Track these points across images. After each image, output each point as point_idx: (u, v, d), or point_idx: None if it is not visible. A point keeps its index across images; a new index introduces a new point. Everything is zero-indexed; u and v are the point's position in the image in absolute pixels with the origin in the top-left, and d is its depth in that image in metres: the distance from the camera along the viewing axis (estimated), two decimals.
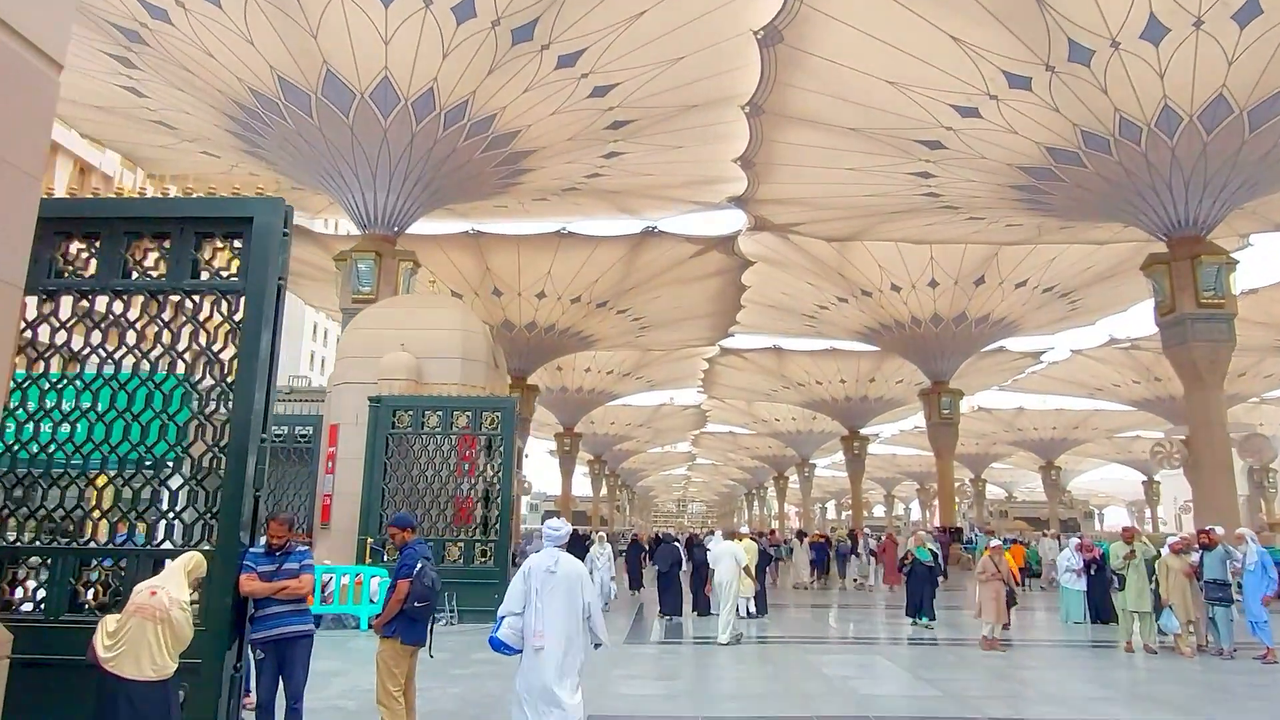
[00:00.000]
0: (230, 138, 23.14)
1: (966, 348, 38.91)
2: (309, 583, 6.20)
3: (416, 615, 6.33)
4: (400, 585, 6.32)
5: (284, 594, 6.01)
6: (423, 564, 6.40)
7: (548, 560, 6.09)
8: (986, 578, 12.77)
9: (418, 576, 6.30)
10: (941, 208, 27.36)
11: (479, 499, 15.27)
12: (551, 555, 6.15)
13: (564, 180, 26.81)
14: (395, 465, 15.20)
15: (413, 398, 15.40)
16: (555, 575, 6.00)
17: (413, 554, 6.50)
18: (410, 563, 6.41)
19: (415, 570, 6.32)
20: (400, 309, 17.94)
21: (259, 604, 5.96)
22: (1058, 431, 64.55)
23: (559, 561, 6.09)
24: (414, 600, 6.29)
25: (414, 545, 6.62)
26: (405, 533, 6.71)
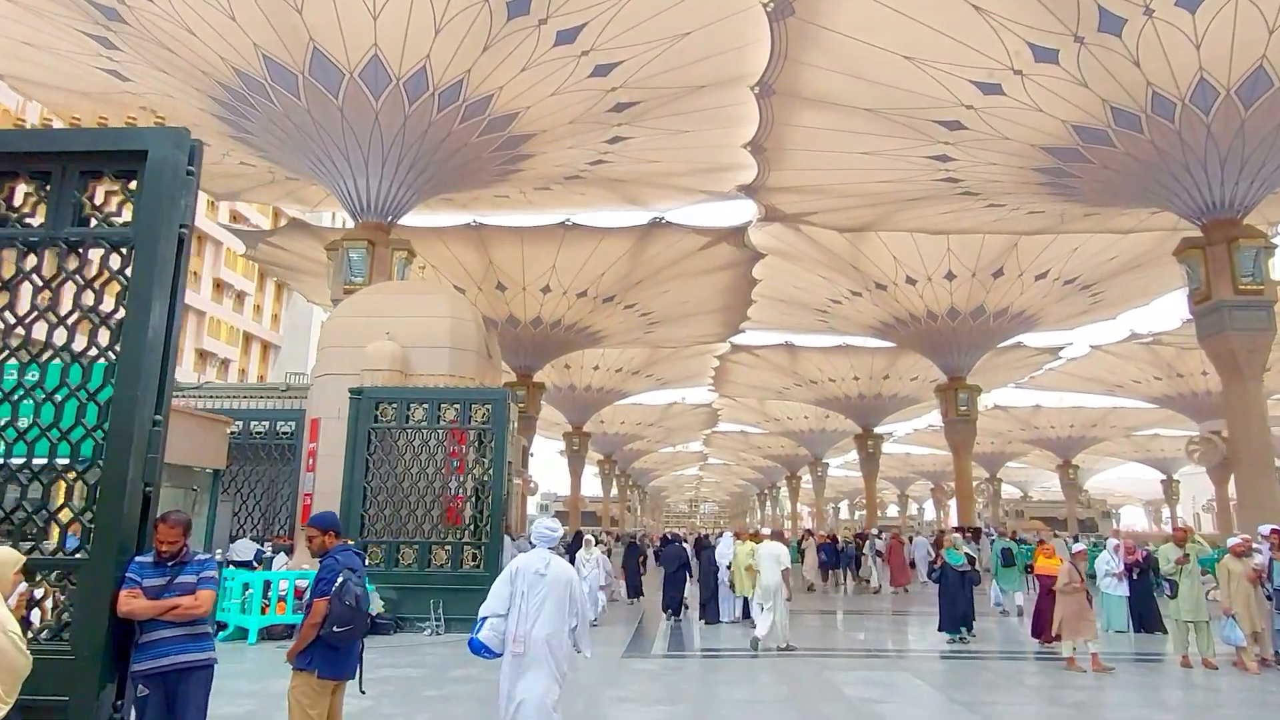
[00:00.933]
0: (218, 123, 22.02)
1: (984, 342, 37.43)
2: (207, 601, 4.89)
3: (337, 642, 5.03)
4: (315, 606, 5.05)
5: (174, 615, 4.73)
6: (345, 577, 5.09)
7: (538, 562, 5.73)
8: (1071, 589, 10.88)
9: (338, 594, 5.02)
10: (960, 194, 25.96)
11: (468, 498, 14.04)
12: (542, 557, 5.79)
13: (566, 167, 25.57)
14: (378, 462, 14.01)
15: (396, 389, 14.19)
16: (545, 578, 5.65)
17: (332, 565, 5.19)
18: (329, 576, 5.12)
19: (335, 586, 5.05)
20: (385, 295, 16.74)
21: (145, 627, 4.71)
22: (1075, 430, 62.83)
23: (550, 564, 5.74)
24: (333, 624, 4.99)
25: (336, 553, 5.31)
26: (326, 536, 5.37)
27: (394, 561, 13.65)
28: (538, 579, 5.66)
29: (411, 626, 13.26)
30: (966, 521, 38.07)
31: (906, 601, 22.22)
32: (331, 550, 5.27)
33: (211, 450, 14.87)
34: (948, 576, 13.04)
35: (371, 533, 13.81)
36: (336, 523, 5.50)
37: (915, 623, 17.80)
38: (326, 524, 5.40)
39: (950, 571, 13.01)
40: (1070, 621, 10.72)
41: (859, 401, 50.84)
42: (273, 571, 13.12)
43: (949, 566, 13.03)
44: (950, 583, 12.98)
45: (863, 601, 22.22)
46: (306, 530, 5.34)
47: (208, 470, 15.05)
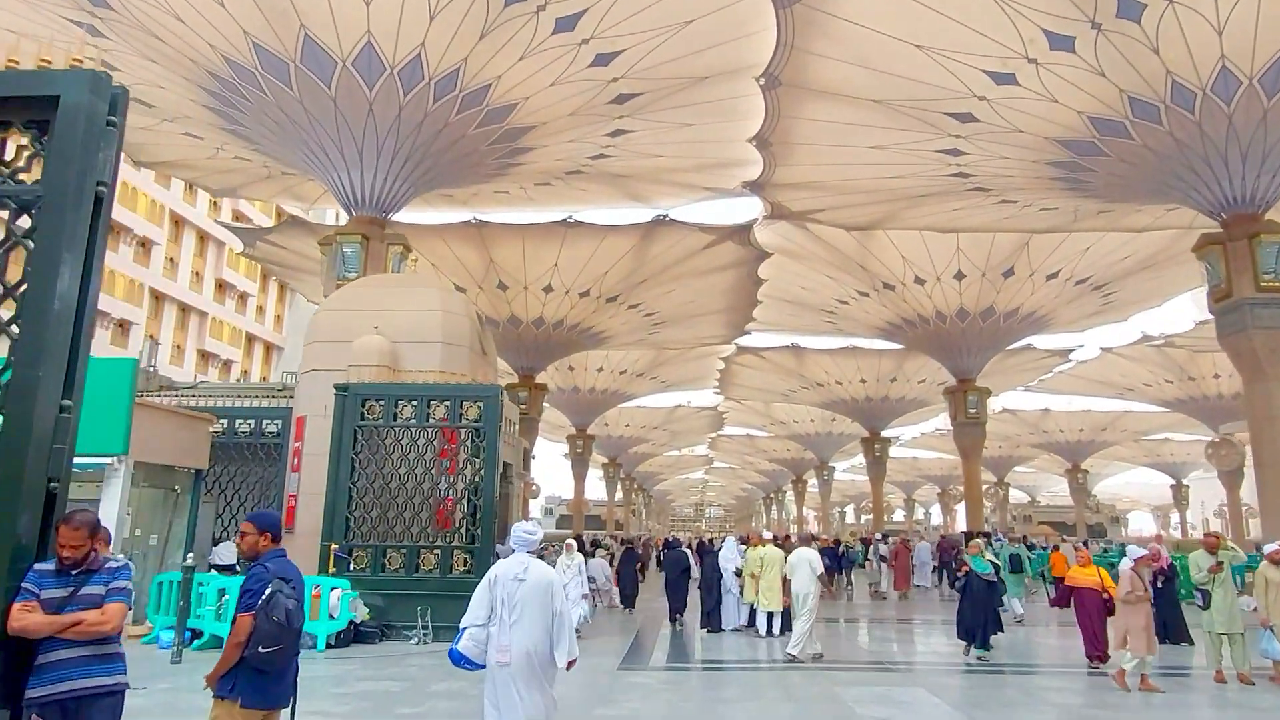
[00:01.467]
0: (210, 115, 21.41)
1: (994, 344, 36.63)
2: (116, 616, 4.11)
3: (264, 665, 4.24)
4: (239, 621, 4.26)
5: (76, 633, 3.98)
6: (275, 589, 4.29)
7: (516, 567, 5.50)
8: (1134, 598, 9.80)
9: (266, 608, 4.23)
10: (971, 190, 25.21)
11: (458, 499, 13.33)
12: (520, 562, 5.54)
13: (567, 162, 24.89)
14: (364, 461, 13.31)
15: (384, 386, 13.49)
16: (524, 584, 5.42)
17: (261, 574, 4.38)
18: (256, 586, 4.32)
19: (263, 599, 4.27)
20: (375, 288, 16.06)
21: (42, 647, 3.97)
22: (1085, 434, 61.88)
23: (528, 569, 5.49)
24: (259, 643, 4.20)
25: (268, 559, 4.48)
26: (262, 538, 4.52)
27: (380, 566, 12.95)
28: (516, 585, 5.42)
29: (398, 634, 12.55)
30: (975, 526, 37.22)
31: (911, 608, 21.46)
32: (262, 556, 4.47)
33: (193, 449, 14.19)
34: (972, 585, 11.99)
35: (357, 536, 13.11)
36: (277, 525, 4.69)
37: (924, 631, 17.03)
38: (265, 524, 4.56)
39: (976, 580, 11.96)
40: (1137, 635, 9.63)
41: (866, 404, 50.04)
42: None
43: (975, 574, 12.03)
44: (975, 591, 11.91)
45: (867, 608, 21.44)
46: (242, 527, 4.57)
47: (189, 470, 14.38)
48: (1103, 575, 10.98)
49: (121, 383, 12.28)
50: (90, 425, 12.15)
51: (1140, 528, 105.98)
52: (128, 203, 46.86)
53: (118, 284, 46.74)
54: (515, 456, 32.84)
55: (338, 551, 12.80)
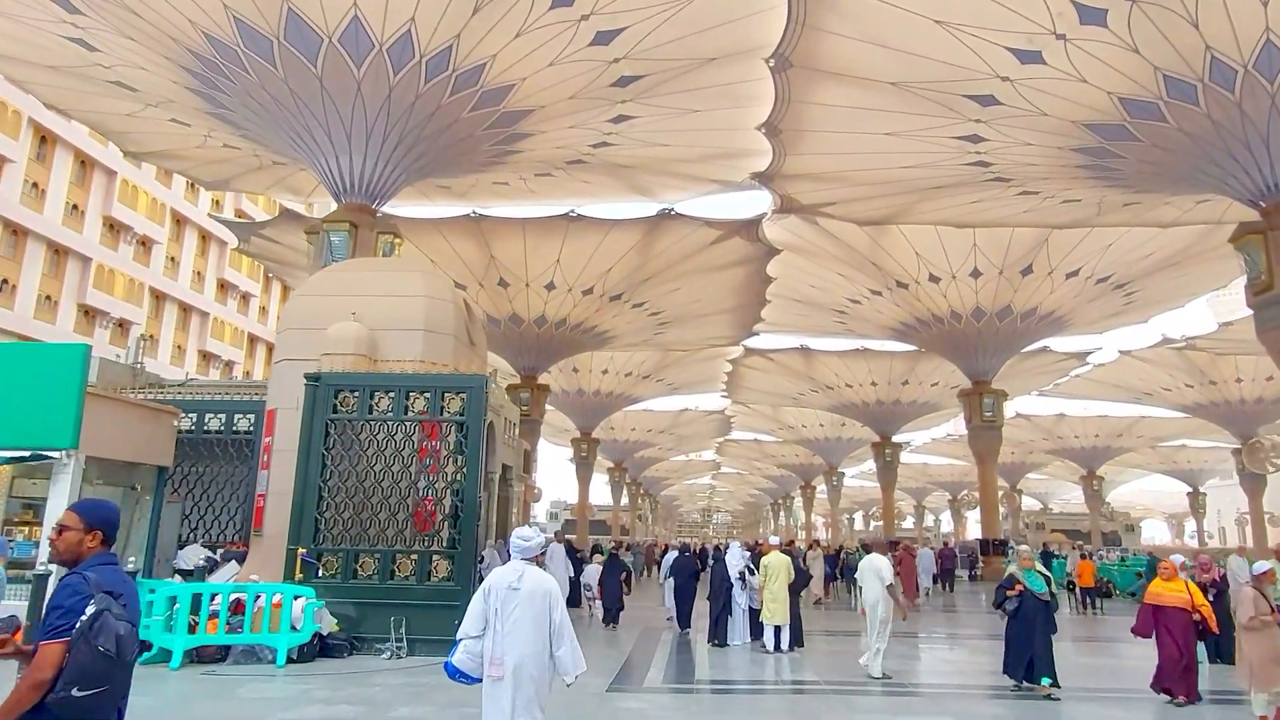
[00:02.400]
0: (193, 98, 20.36)
1: (1010, 345, 35.31)
2: None
3: (77, 714, 2.92)
4: (43, 653, 2.90)
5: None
6: (100, 607, 2.95)
7: (511, 575, 5.22)
8: (1259, 622, 7.65)
9: (87, 635, 2.89)
10: (990, 180, 23.93)
11: (438, 500, 12.14)
12: (515, 570, 5.26)
13: (568, 150, 23.72)
14: (337, 458, 12.13)
15: (358, 375, 12.32)
16: (519, 593, 5.13)
17: (78, 588, 3.01)
18: (71, 604, 2.97)
19: (83, 621, 2.93)
20: (353, 272, 14.90)
21: None
22: (1100, 439, 60.30)
23: (524, 577, 5.21)
24: (74, 684, 2.87)
25: (89, 567, 3.12)
26: (88, 536, 3.18)
27: (352, 572, 11.75)
28: (511, 594, 5.11)
29: (369, 648, 11.34)
30: (991, 534, 35.88)
31: (922, 619, 20.18)
32: (84, 562, 3.20)
33: (155, 444, 13.05)
34: (1026, 606, 9.47)
35: (328, 539, 11.92)
36: (110, 520, 3.36)
37: (943, 645, 15.74)
38: (94, 518, 3.21)
39: (1031, 600, 9.47)
40: (1264, 667, 7.63)
41: (877, 408, 48.69)
42: (205, 583, 11.26)
43: (1030, 594, 9.53)
44: (1030, 614, 9.43)
45: None
46: (61, 518, 3.28)
47: (152, 467, 13.23)
48: (1193, 591, 9.22)
49: (70, 371, 11.14)
50: (33, 416, 11.00)
51: (1153, 536, 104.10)
52: (128, 200, 46.04)
53: (117, 283, 45.88)
54: (515, 458, 31.65)
55: (305, 556, 11.62)
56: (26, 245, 41.28)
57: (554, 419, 57.49)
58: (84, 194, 43.87)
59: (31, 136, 40.92)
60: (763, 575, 12.70)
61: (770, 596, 12.51)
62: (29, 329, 40.14)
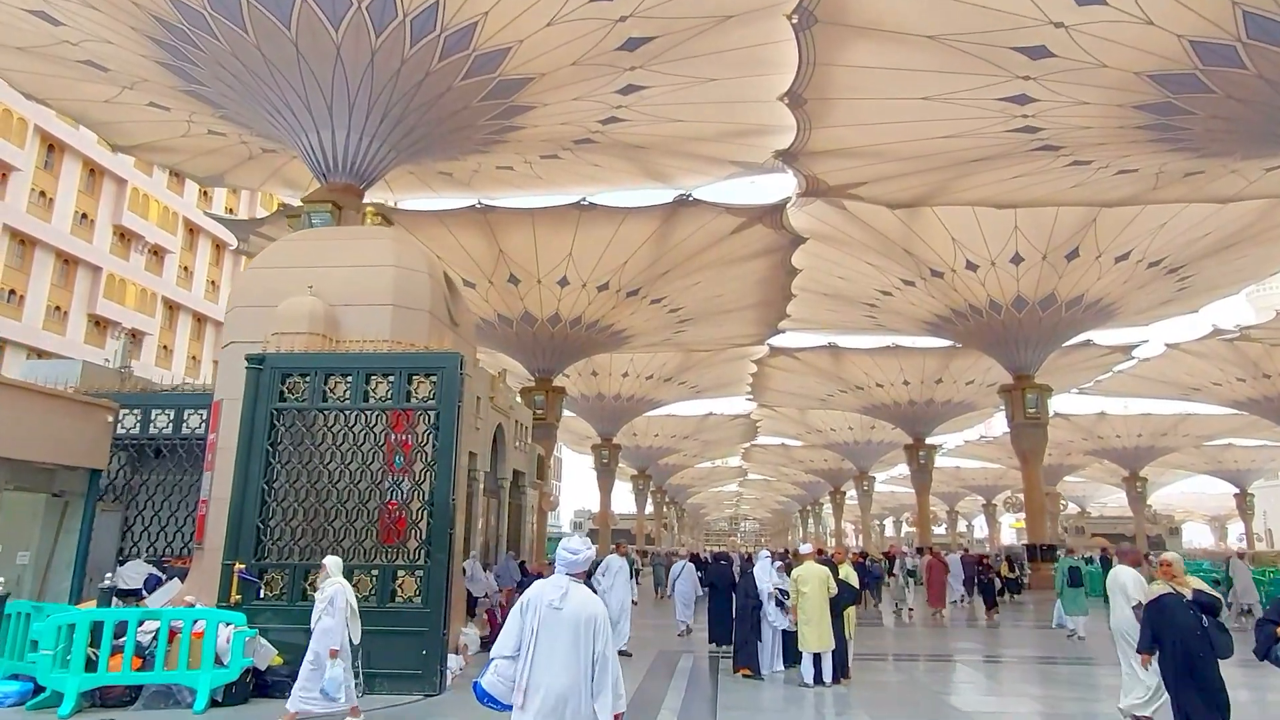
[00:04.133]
0: (166, 74, 18.53)
1: (1054, 337, 32.65)
2: None
3: None
4: None
5: None
6: None
7: (553, 592, 4.39)
8: None
9: None
10: (1038, 149, 21.50)
11: (404, 502, 9.97)
12: (558, 585, 4.42)
13: (574, 126, 21.61)
14: (285, 455, 10.02)
15: (309, 356, 10.20)
16: (561, 613, 4.30)
17: None
18: None
19: None
20: (312, 241, 12.83)
21: None
22: (1143, 439, 57.04)
23: (568, 595, 4.36)
24: None
25: None
26: None
27: (300, 592, 9.62)
28: (551, 614, 4.29)
29: None
30: (1038, 539, 33.17)
31: (966, 634, 17.76)
32: None
33: (86, 444, 11.05)
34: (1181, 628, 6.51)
35: (273, 552, 9.80)
36: None
37: (1016, 672, 13.32)
38: None
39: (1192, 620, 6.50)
40: None
41: (909, 409, 46.04)
42: (123, 609, 9.16)
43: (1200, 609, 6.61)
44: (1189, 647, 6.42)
45: (917, 635, 17.75)
46: None
47: (82, 470, 11.23)
48: None
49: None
50: None
51: (1193, 539, 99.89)
52: (139, 209, 44.72)
53: (128, 293, 44.52)
54: (528, 464, 29.48)
55: (243, 573, 9.50)
56: (34, 255, 39.98)
57: (576, 426, 55.44)
58: (93, 203, 42.58)
59: (39, 145, 39.69)
60: (794, 591, 10.37)
61: (804, 618, 10.16)
62: (38, 340, 38.77)
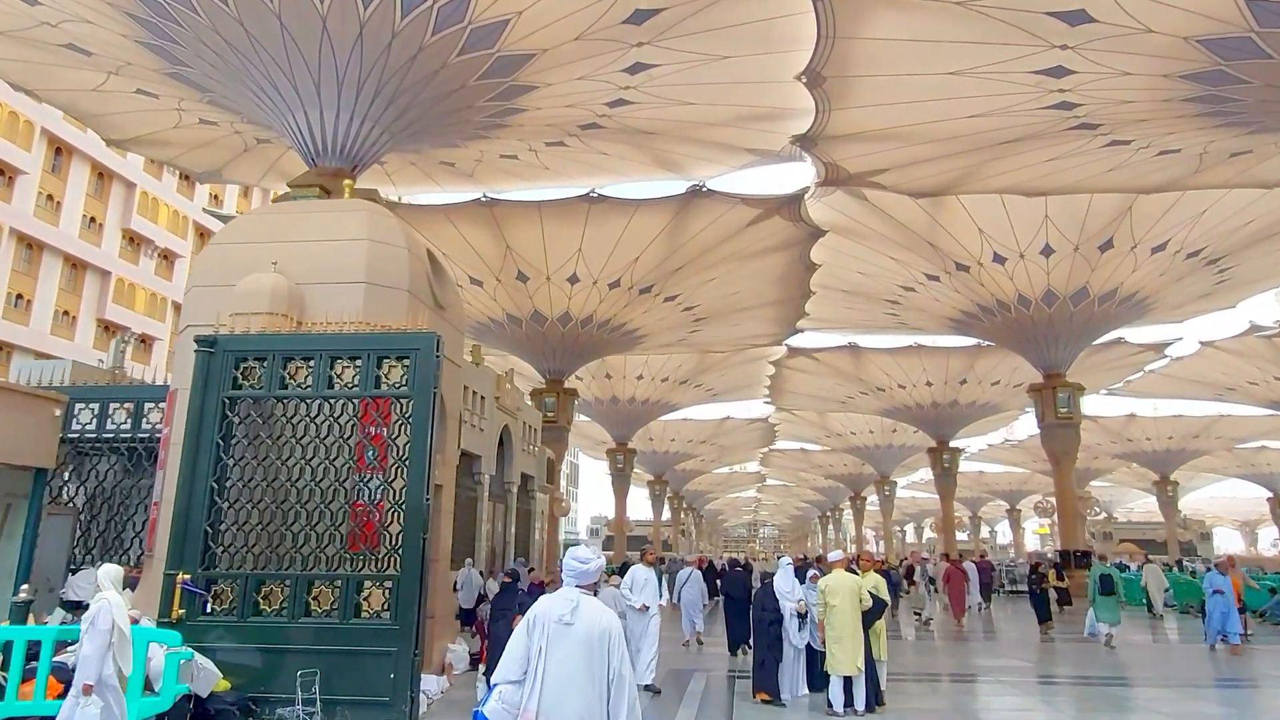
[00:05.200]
0: (149, 56, 17.44)
1: (1086, 333, 31.04)
2: None
3: None
4: None
5: None
6: None
7: (562, 606, 3.90)
8: None
9: None
10: (1074, 127, 20.01)
11: (370, 502, 8.68)
12: (568, 599, 3.93)
13: (579, 110, 20.35)
14: (239, 450, 8.76)
15: (265, 338, 8.94)
16: (572, 629, 3.83)
17: None
18: None
19: None
20: (278, 215, 11.59)
21: None
22: (1174, 441, 54.94)
23: (579, 609, 3.89)
24: None
25: None
26: None
27: (253, 606, 8.34)
28: (561, 631, 3.81)
29: (271, 713, 7.91)
30: (1071, 544, 31.49)
31: (1006, 649, 16.27)
32: None
33: (28, 440, 9.87)
34: None
35: (224, 560, 8.54)
36: None
37: (1077, 697, 11.84)
38: None
39: None
40: None
41: (932, 410, 44.37)
42: (34, 627, 7.90)
43: None
44: None
45: (955, 650, 16.28)
46: None
47: (26, 470, 10.05)
48: None
49: None
50: None
51: (1222, 545, 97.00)
52: (148, 213, 44.04)
53: (138, 297, 43.79)
54: (537, 467, 28.14)
55: (187, 584, 8.23)
56: (42, 259, 39.29)
57: (591, 431, 54.14)
58: (102, 206, 41.88)
59: (46, 148, 39.02)
60: (821, 603, 8.97)
61: (832, 636, 8.74)
62: (46, 345, 37.99)
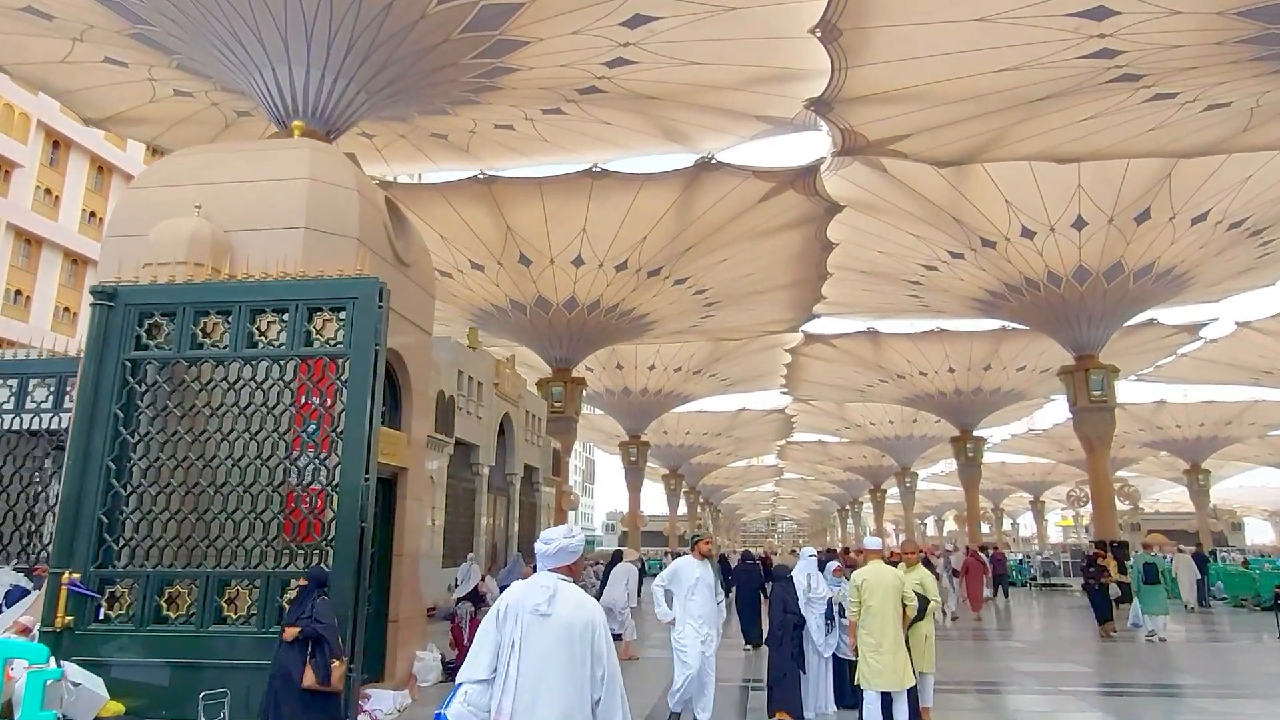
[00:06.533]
0: (111, 15, 16.01)
1: (1119, 311, 29.07)
2: None
3: None
4: None
5: None
6: None
7: (537, 594, 3.30)
8: None
9: None
10: (1115, 79, 18.17)
11: (299, 485, 7.09)
12: (544, 587, 3.33)
13: (575, 70, 18.72)
14: (145, 424, 7.22)
15: (175, 288, 7.37)
16: (549, 621, 3.23)
17: None
18: None
19: None
20: (207, 154, 10.07)
21: None
22: (1206, 429, 52.66)
23: (555, 598, 3.28)
24: None
25: None
26: None
27: (155, 611, 6.79)
28: (537, 622, 3.21)
29: None
30: (1107, 535, 29.51)
31: (1057, 649, 14.58)
32: None
33: None
34: None
35: (123, 556, 7.00)
36: None
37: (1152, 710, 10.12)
38: None
39: None
40: None
41: (955, 398, 42.45)
42: None
43: None
44: None
45: (1000, 653, 14.58)
46: None
47: None
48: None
49: None
50: None
51: (1254, 536, 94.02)
52: None
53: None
54: (542, 458, 26.54)
55: (75, 585, 6.69)
56: (41, 254, 38.25)
57: (605, 425, 52.61)
58: (102, 201, 40.71)
59: (43, 141, 37.96)
60: (856, 602, 7.30)
61: (870, 643, 7.02)
62: (46, 342, 36.84)
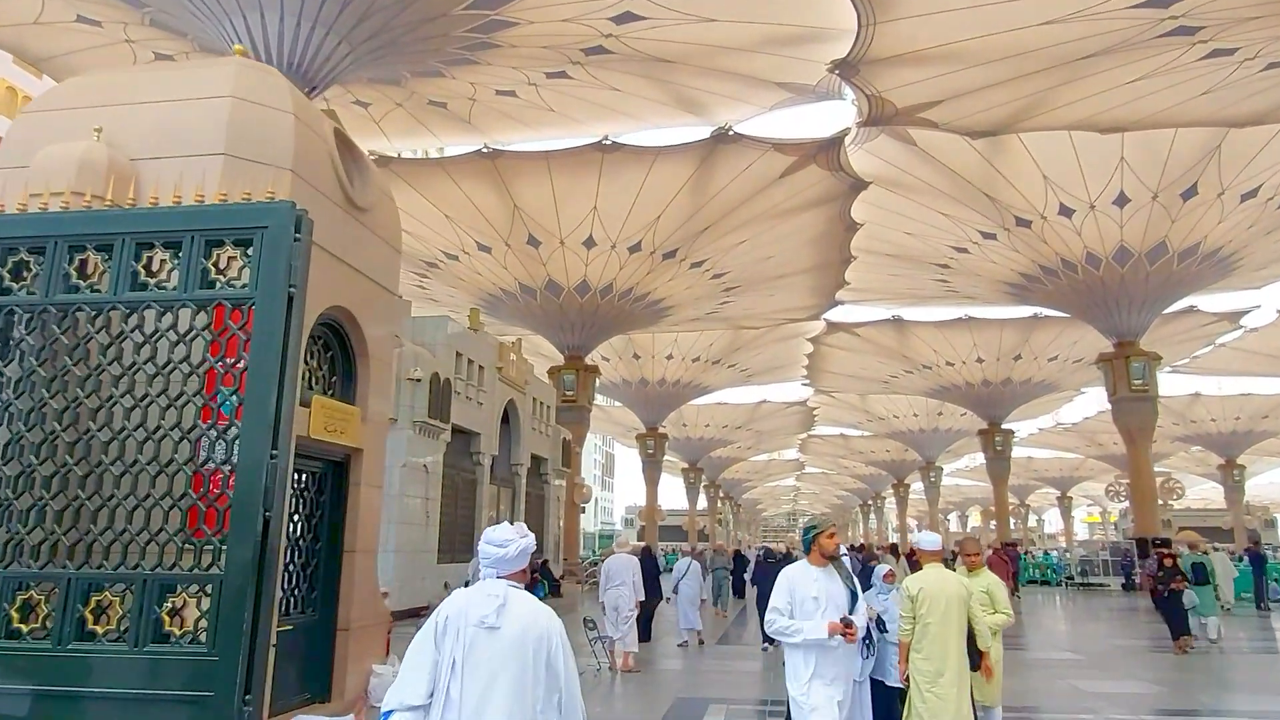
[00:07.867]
0: None
1: (1162, 295, 27.16)
2: None
3: None
4: None
5: None
6: None
7: (483, 604, 2.83)
8: None
9: None
10: (1169, 33, 16.34)
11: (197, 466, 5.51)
12: (493, 596, 2.86)
13: (579, 27, 17.14)
14: (6, 390, 5.72)
15: (43, 218, 5.80)
16: (498, 634, 2.78)
17: None
18: None
19: None
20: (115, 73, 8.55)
21: None
22: (1241, 423, 50.20)
23: (505, 607, 2.83)
24: None
25: None
26: None
27: (5, 624, 5.27)
28: (483, 637, 2.77)
29: None
30: (1149, 531, 27.57)
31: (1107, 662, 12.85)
32: None
33: None
34: None
35: None
36: None
37: None
38: None
39: None
40: None
41: (983, 390, 40.50)
42: None
43: None
44: None
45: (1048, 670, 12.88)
46: None
47: None
48: None
49: None
50: None
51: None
52: None
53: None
54: (551, 448, 24.94)
55: None
56: None
57: (623, 417, 51.15)
58: None
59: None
60: (909, 618, 5.64)
61: (928, 670, 5.28)
62: None
